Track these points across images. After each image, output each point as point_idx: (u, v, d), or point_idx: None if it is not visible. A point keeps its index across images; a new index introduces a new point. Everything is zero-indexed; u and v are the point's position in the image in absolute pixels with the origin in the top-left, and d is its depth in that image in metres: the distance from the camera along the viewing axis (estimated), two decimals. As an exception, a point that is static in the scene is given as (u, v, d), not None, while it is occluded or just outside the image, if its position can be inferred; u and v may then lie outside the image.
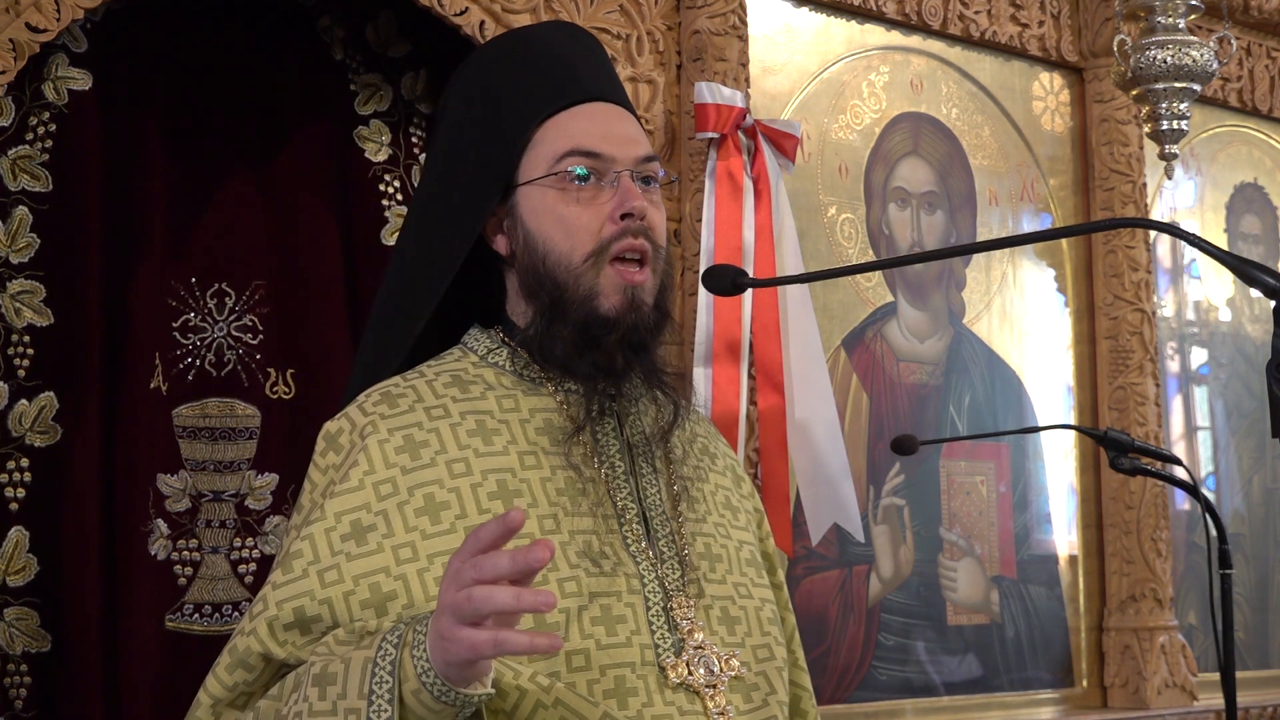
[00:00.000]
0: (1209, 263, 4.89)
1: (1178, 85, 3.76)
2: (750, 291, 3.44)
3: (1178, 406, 4.84)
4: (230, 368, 3.19)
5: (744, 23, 3.67)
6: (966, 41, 4.36)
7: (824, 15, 4.09)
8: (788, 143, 3.64)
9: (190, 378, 3.15)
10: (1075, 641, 4.44)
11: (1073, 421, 4.45)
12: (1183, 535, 4.73)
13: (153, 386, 3.09)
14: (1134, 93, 3.85)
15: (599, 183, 1.86)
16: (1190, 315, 4.90)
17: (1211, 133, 5.00)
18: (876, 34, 4.20)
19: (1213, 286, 4.97)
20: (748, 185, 3.55)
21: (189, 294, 3.17)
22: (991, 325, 4.39)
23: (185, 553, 3.12)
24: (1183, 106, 3.79)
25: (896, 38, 4.24)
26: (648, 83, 3.58)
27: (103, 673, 2.95)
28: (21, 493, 2.94)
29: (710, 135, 3.51)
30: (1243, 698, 4.16)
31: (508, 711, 1.68)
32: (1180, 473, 3.62)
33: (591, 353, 1.83)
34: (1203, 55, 3.76)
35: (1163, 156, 3.87)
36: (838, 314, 4.05)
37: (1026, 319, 4.47)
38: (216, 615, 3.12)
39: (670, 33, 3.64)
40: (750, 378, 3.51)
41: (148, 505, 3.06)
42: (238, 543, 3.17)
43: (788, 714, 1.85)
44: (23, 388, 2.97)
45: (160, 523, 3.09)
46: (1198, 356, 4.91)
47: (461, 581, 1.50)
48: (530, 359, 1.89)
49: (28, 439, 2.96)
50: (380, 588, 1.72)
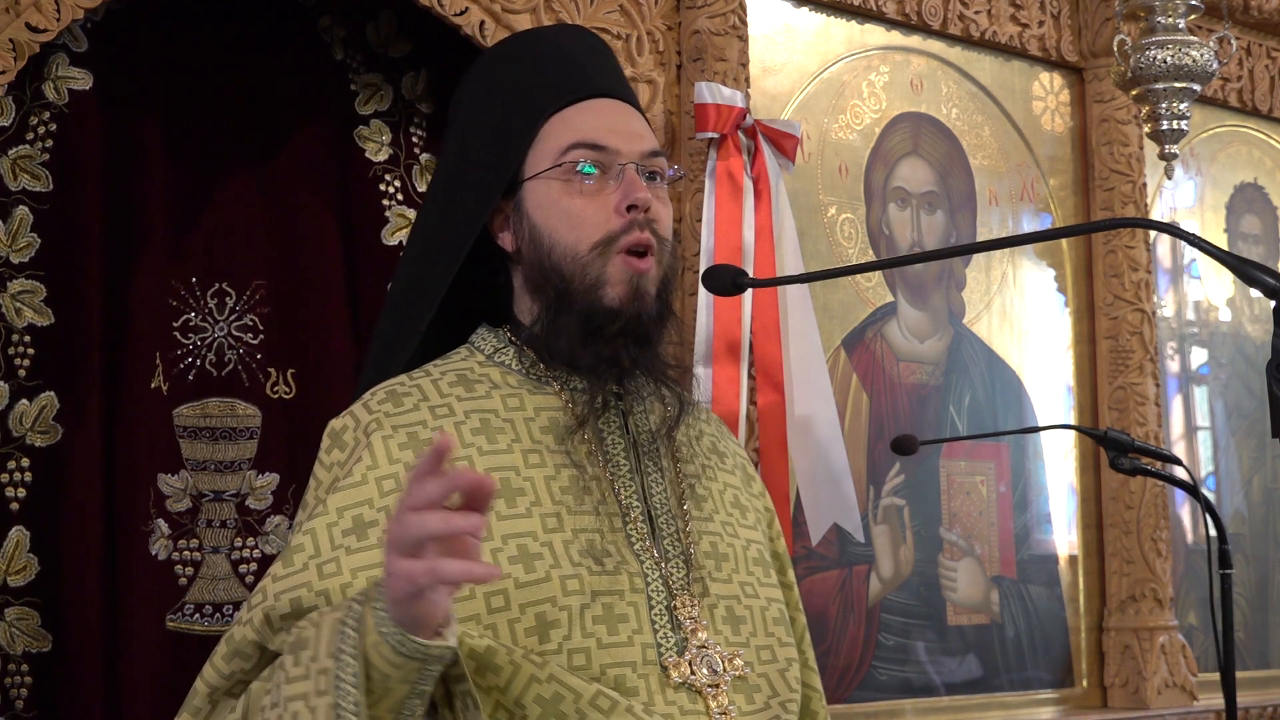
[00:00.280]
0: (1209, 263, 4.89)
1: (1178, 85, 3.76)
2: (750, 291, 3.44)
3: (1178, 406, 4.84)
4: (231, 367, 3.19)
5: (744, 23, 3.67)
6: (966, 41, 4.36)
7: (824, 15, 4.09)
8: (788, 143, 3.63)
9: (191, 377, 3.15)
10: (1075, 641, 4.44)
11: (1073, 421, 4.45)
12: (1183, 535, 4.73)
13: (153, 386, 3.09)
14: (1134, 93, 3.85)
15: (604, 176, 1.86)
16: (1190, 315, 4.90)
17: (1211, 133, 5.00)
18: (876, 34, 4.20)
19: (1213, 286, 4.97)
20: (748, 185, 3.55)
21: (189, 294, 3.17)
22: (991, 325, 4.39)
23: (186, 553, 3.12)
24: (1183, 106, 3.79)
25: (896, 38, 4.24)
26: (648, 83, 3.58)
27: (103, 673, 2.95)
28: (22, 493, 2.94)
29: (710, 135, 3.51)
30: (1243, 698, 4.16)
31: (501, 688, 1.69)
32: (1180, 473, 3.62)
33: (595, 343, 1.82)
34: (1203, 55, 3.76)
35: (1163, 156, 3.87)
36: (838, 314, 4.05)
37: (1026, 319, 4.47)
38: (217, 615, 3.12)
39: (670, 33, 3.64)
40: (750, 378, 3.51)
41: (148, 505, 3.06)
42: (238, 542, 3.17)
43: (795, 714, 1.84)
44: (23, 387, 2.96)
45: (161, 523, 3.09)
46: (1198, 356, 4.91)
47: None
48: (536, 357, 1.89)
49: (28, 439, 2.96)
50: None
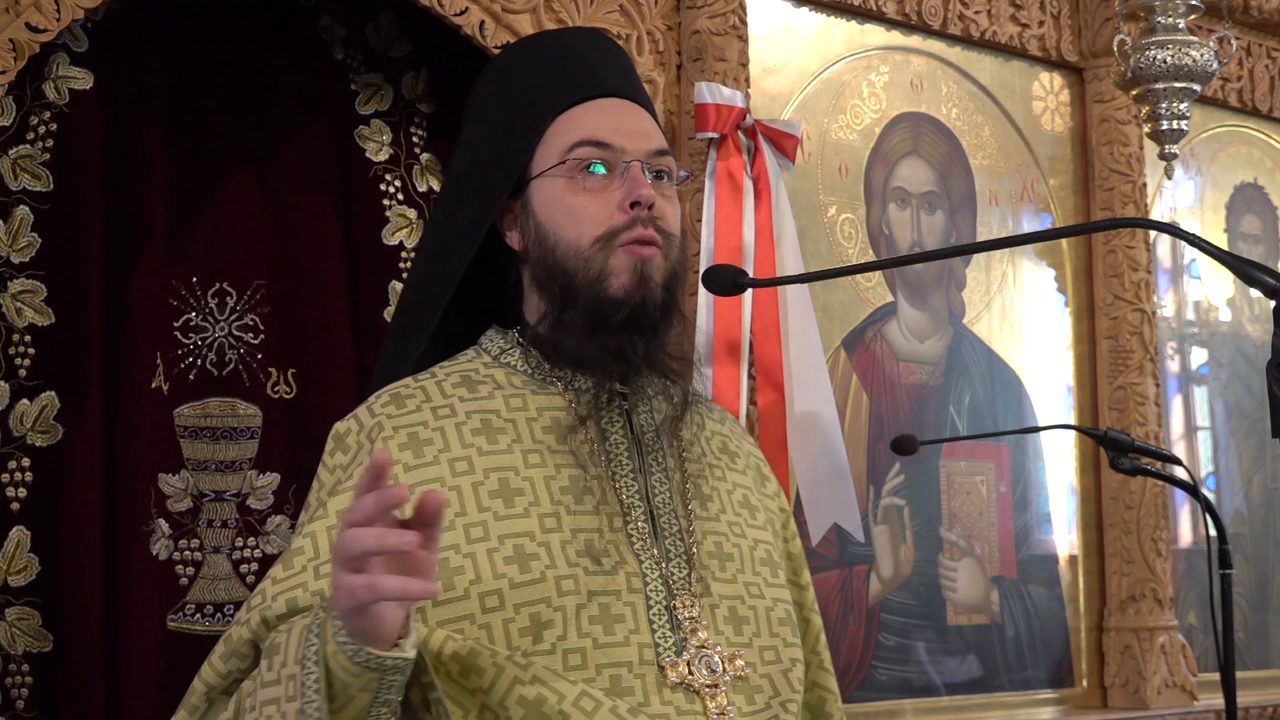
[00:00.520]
0: (1209, 263, 4.89)
1: (1178, 85, 3.76)
2: (750, 291, 3.44)
3: (1178, 406, 4.84)
4: (231, 367, 3.19)
5: (744, 23, 3.67)
6: (966, 41, 4.36)
7: (824, 15, 4.09)
8: (788, 143, 3.63)
9: (191, 377, 3.15)
10: (1075, 641, 4.44)
11: (1073, 421, 4.45)
12: (1183, 535, 4.73)
13: (154, 386, 3.09)
14: (1134, 93, 3.85)
15: (609, 174, 1.85)
16: (1190, 315, 4.90)
17: (1211, 133, 5.00)
18: (876, 34, 4.20)
19: (1213, 286, 4.97)
20: (748, 185, 3.55)
21: (190, 293, 3.17)
22: (991, 325, 4.39)
23: (187, 552, 3.12)
24: (1183, 106, 3.79)
25: (896, 38, 4.24)
26: (648, 83, 3.58)
27: (104, 673, 2.95)
28: (23, 492, 2.94)
29: (710, 135, 3.51)
30: (1243, 698, 4.15)
31: (485, 689, 1.69)
32: (1180, 473, 3.62)
33: (601, 335, 1.82)
34: (1203, 55, 3.76)
35: (1163, 156, 3.87)
36: (838, 314, 4.05)
37: (1026, 319, 4.47)
38: (218, 615, 3.12)
39: (670, 33, 3.64)
40: (750, 378, 3.51)
41: (149, 505, 3.06)
42: (239, 542, 3.17)
43: (794, 715, 1.82)
44: (24, 387, 2.96)
45: (162, 522, 3.09)
46: (1198, 356, 4.91)
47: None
48: (542, 357, 1.89)
49: (29, 439, 2.96)
50: None
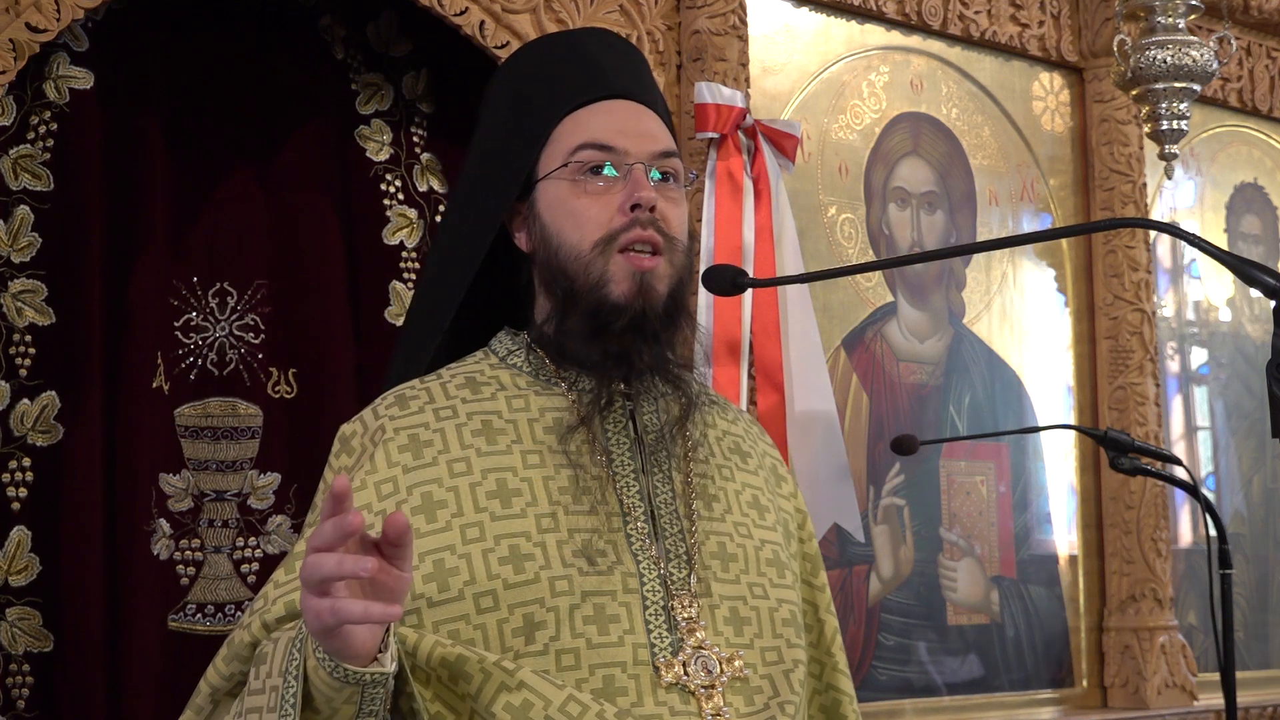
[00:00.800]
0: (1209, 263, 4.89)
1: (1178, 85, 3.77)
2: (750, 291, 3.44)
3: (1178, 406, 4.84)
4: (232, 367, 3.19)
5: (744, 23, 3.67)
6: (966, 41, 4.36)
7: (824, 15, 4.09)
8: (788, 143, 3.63)
9: (192, 377, 3.15)
10: (1075, 641, 4.44)
11: (1073, 421, 4.45)
12: (1183, 535, 4.73)
13: (154, 386, 3.09)
14: (1134, 93, 3.85)
15: (612, 176, 1.85)
16: (1190, 315, 4.90)
17: (1211, 133, 5.00)
18: (876, 34, 4.20)
19: (1213, 286, 4.97)
20: (748, 185, 3.55)
21: (190, 293, 3.17)
22: (991, 325, 4.39)
23: (188, 552, 3.12)
24: (1183, 106, 3.79)
25: (896, 38, 4.24)
26: (648, 83, 3.58)
27: (105, 673, 2.95)
28: (23, 492, 2.94)
29: (710, 135, 3.51)
30: (1243, 698, 4.16)
31: (473, 695, 1.69)
32: (1180, 473, 3.62)
33: (601, 340, 1.81)
34: (1203, 55, 3.76)
35: (1163, 156, 3.87)
36: (838, 314, 4.05)
37: (1026, 319, 4.47)
38: (219, 615, 3.12)
39: (670, 33, 3.64)
40: (750, 378, 3.51)
41: (150, 505, 3.06)
42: (240, 542, 3.17)
43: (791, 716, 1.81)
44: (24, 387, 2.97)
45: (162, 522, 3.09)
46: (1198, 356, 4.91)
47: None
48: (548, 358, 1.89)
49: (29, 438, 2.96)
50: None
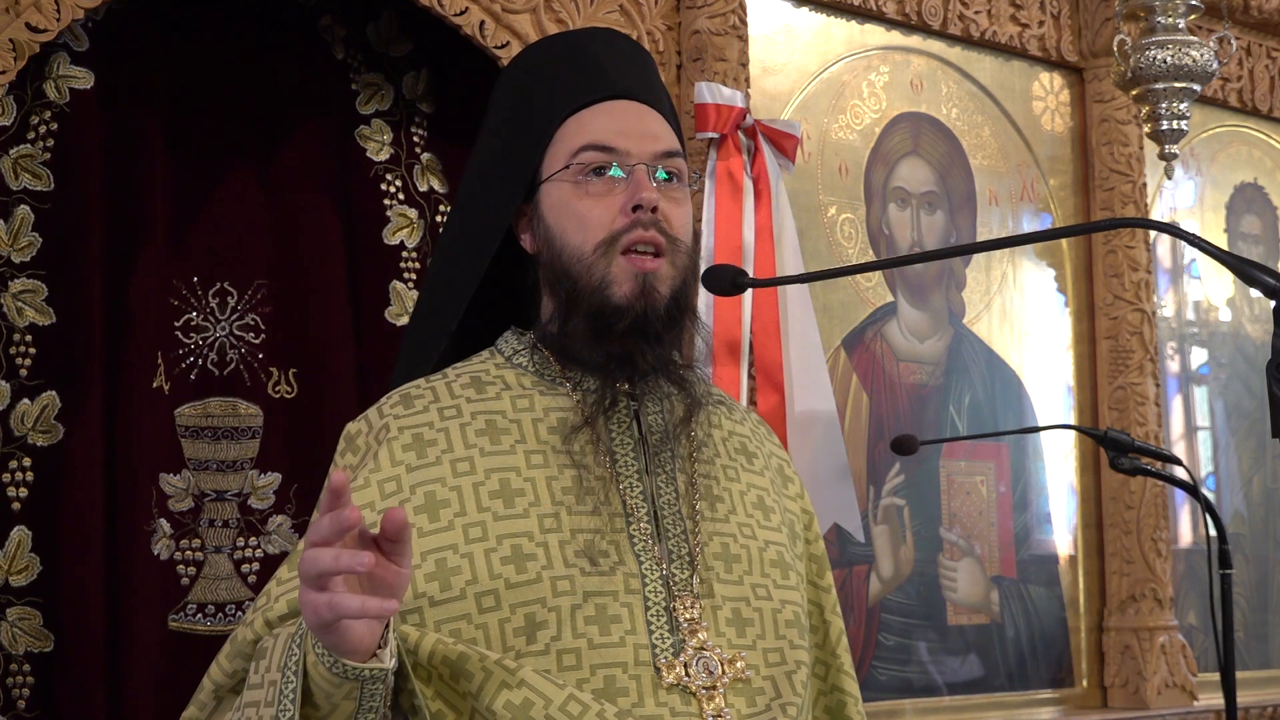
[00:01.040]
0: (1209, 263, 4.89)
1: (1178, 85, 3.77)
2: (750, 291, 3.44)
3: (1178, 406, 4.84)
4: (232, 367, 3.19)
5: (744, 23, 3.67)
6: (966, 41, 4.36)
7: (824, 15, 4.09)
8: (788, 143, 3.64)
9: (192, 377, 3.15)
10: (1075, 641, 4.44)
11: (1073, 421, 4.45)
12: (1183, 535, 4.73)
13: (155, 386, 3.09)
14: (1134, 93, 3.85)
15: (614, 177, 1.84)
16: (1190, 315, 4.90)
17: (1211, 133, 5.00)
18: (876, 34, 4.20)
19: (1213, 286, 4.97)
20: (748, 185, 3.55)
21: (191, 293, 3.17)
22: (991, 325, 4.39)
23: (188, 552, 3.13)
24: (1183, 106, 3.79)
25: (896, 38, 4.24)
26: (649, 83, 3.58)
27: (105, 673, 2.95)
28: (24, 492, 2.94)
29: (710, 135, 3.51)
30: (1243, 698, 4.16)
31: (474, 694, 1.69)
32: (1180, 473, 3.62)
33: (604, 342, 1.81)
34: (1203, 55, 3.76)
35: (1163, 156, 3.87)
36: (838, 314, 4.05)
37: (1026, 319, 4.47)
38: (219, 615, 3.12)
39: (670, 33, 3.64)
40: (750, 378, 3.51)
41: (150, 505, 3.06)
42: (240, 542, 3.17)
43: (793, 717, 1.81)
44: (25, 387, 2.97)
45: (163, 522, 3.09)
46: (1198, 356, 4.91)
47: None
48: (553, 358, 1.89)
49: (30, 438, 2.96)
50: None
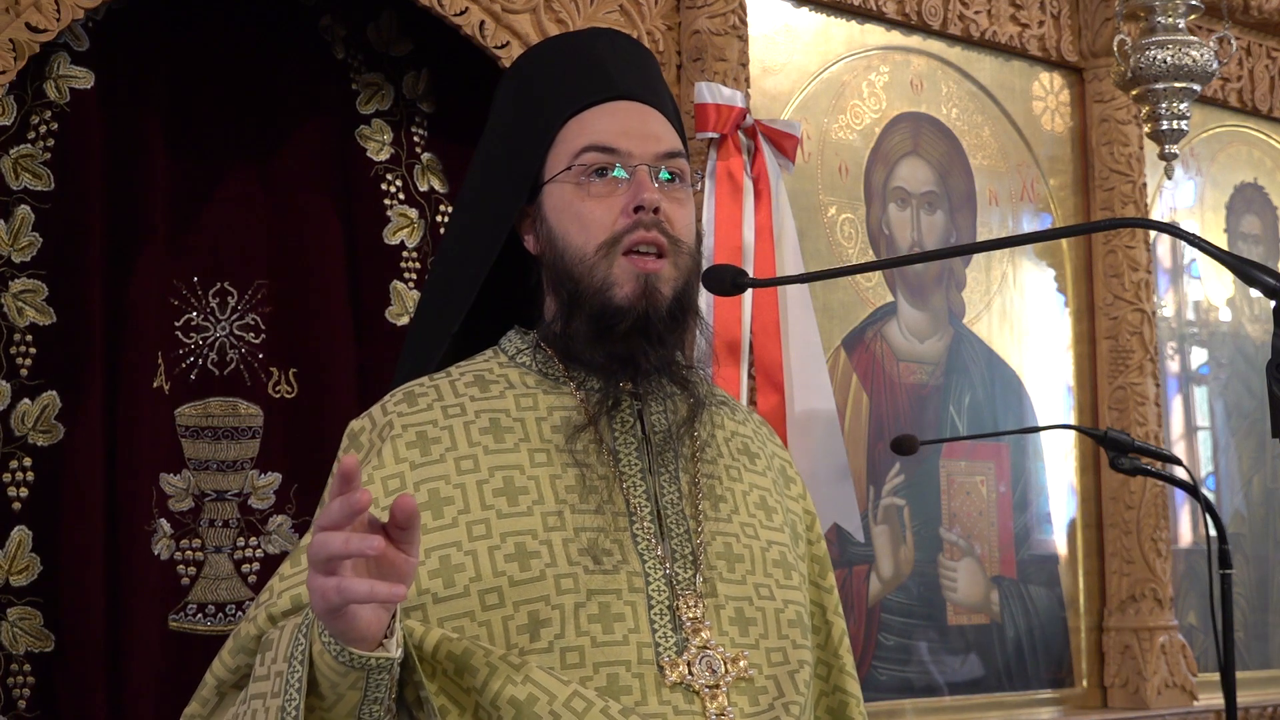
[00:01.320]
0: (1209, 263, 4.89)
1: (1178, 85, 3.77)
2: (750, 291, 3.44)
3: (1178, 406, 4.84)
4: (233, 367, 3.19)
5: (744, 23, 3.67)
6: (966, 41, 4.36)
7: (824, 15, 4.09)
8: (788, 143, 3.64)
9: (193, 377, 3.15)
10: (1075, 641, 4.44)
11: (1073, 421, 4.45)
12: (1183, 535, 4.73)
13: (155, 385, 3.09)
14: (1134, 93, 3.86)
15: (616, 178, 1.84)
16: (1190, 315, 4.90)
17: (1211, 133, 5.00)
18: (876, 34, 4.20)
19: (1213, 286, 4.97)
20: (748, 185, 3.55)
21: (191, 293, 3.17)
22: (991, 325, 4.39)
23: (188, 552, 3.13)
24: (1183, 106, 3.80)
25: (896, 38, 4.25)
26: (649, 83, 3.58)
27: (106, 673, 2.95)
28: (24, 492, 2.94)
29: (710, 135, 3.51)
30: (1243, 698, 4.16)
31: (478, 689, 1.69)
32: (1180, 473, 3.63)
33: (606, 343, 1.81)
34: (1203, 55, 3.77)
35: (1163, 156, 3.87)
36: (838, 314, 4.05)
37: (1026, 319, 4.47)
38: (220, 615, 3.12)
39: (670, 33, 3.65)
40: (750, 378, 3.52)
41: (150, 505, 3.07)
42: (241, 542, 3.17)
43: (795, 716, 1.80)
44: (25, 387, 2.97)
45: (163, 522, 3.09)
46: (1198, 356, 4.91)
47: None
48: (557, 357, 1.89)
49: (30, 438, 2.96)
50: None
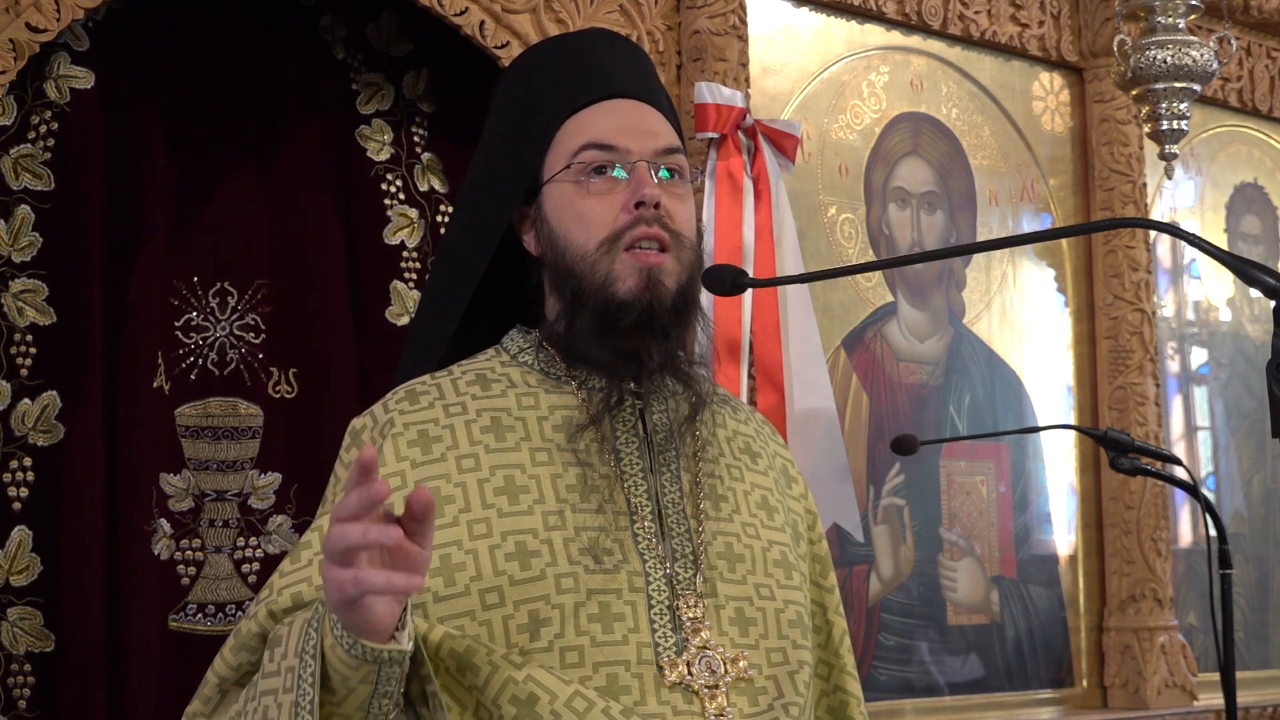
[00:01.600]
0: (1209, 263, 4.89)
1: (1178, 85, 3.77)
2: (750, 291, 3.44)
3: (1178, 406, 4.84)
4: (232, 367, 3.19)
5: (744, 23, 3.68)
6: (966, 41, 4.36)
7: (824, 15, 4.09)
8: (788, 143, 3.64)
9: (193, 377, 3.15)
10: (1075, 641, 4.44)
11: (1073, 421, 4.45)
12: (1183, 535, 4.73)
13: (155, 385, 3.09)
14: (1134, 93, 3.86)
15: (616, 176, 1.84)
16: (1190, 315, 4.90)
17: (1211, 133, 5.00)
18: (876, 34, 4.20)
19: (1213, 286, 4.98)
20: (748, 185, 3.55)
21: (191, 293, 3.17)
22: (991, 325, 4.39)
23: (188, 552, 3.13)
24: (1183, 106, 3.80)
25: (896, 38, 4.25)
26: (649, 83, 3.58)
27: (106, 673, 2.95)
28: (24, 492, 2.95)
29: (710, 135, 3.51)
30: (1243, 698, 4.16)
31: (479, 687, 1.69)
32: (1180, 473, 3.62)
33: (611, 339, 1.81)
34: (1203, 55, 3.77)
35: (1163, 156, 3.87)
36: (838, 314, 4.05)
37: (1026, 319, 4.47)
38: (220, 615, 3.12)
39: (670, 33, 3.65)
40: (750, 378, 3.52)
41: (150, 505, 3.07)
42: (241, 542, 3.17)
43: (795, 717, 1.80)
44: (25, 387, 2.97)
45: (163, 522, 3.09)
46: (1198, 356, 4.91)
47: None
48: (559, 356, 1.88)
49: (30, 438, 2.96)
50: None
